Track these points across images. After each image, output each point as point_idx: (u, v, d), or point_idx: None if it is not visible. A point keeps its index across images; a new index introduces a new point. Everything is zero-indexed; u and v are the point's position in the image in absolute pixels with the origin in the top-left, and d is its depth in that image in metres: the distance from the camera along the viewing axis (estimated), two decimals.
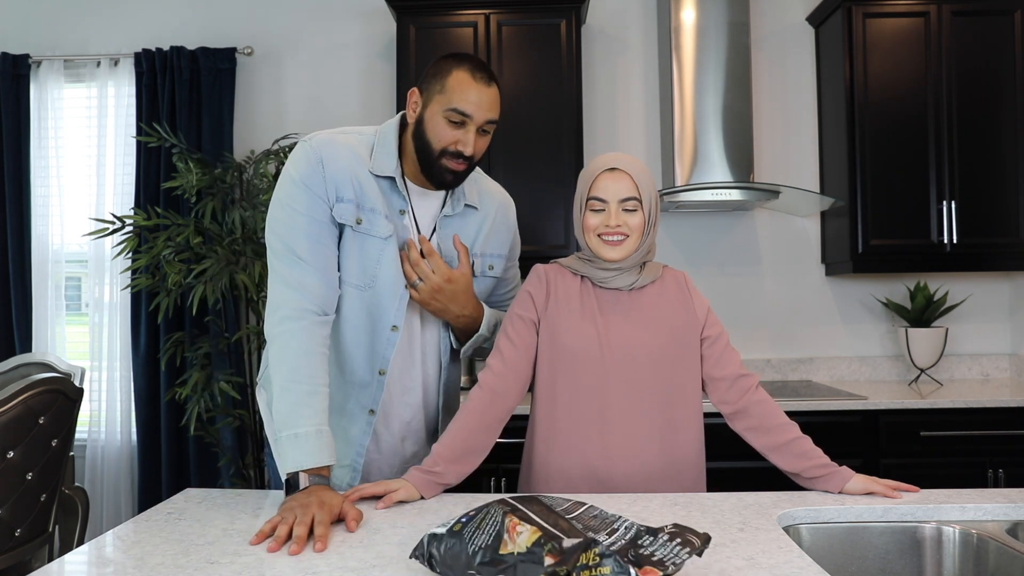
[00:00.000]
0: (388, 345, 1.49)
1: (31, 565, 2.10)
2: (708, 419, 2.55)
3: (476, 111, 1.41)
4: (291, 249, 1.40)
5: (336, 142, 1.46)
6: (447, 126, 1.41)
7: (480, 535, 0.95)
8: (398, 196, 1.50)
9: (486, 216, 1.60)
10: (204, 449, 3.04)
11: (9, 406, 1.89)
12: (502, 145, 2.84)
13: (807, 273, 3.19)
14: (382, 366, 1.49)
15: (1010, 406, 2.53)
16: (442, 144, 1.42)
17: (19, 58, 3.19)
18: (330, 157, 1.44)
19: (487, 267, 1.61)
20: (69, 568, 1.06)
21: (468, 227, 1.58)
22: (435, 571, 0.97)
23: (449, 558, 0.95)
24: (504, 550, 0.92)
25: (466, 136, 1.41)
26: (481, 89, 1.41)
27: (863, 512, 1.30)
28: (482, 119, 1.42)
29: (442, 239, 1.54)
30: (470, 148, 1.42)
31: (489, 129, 1.45)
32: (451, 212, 1.54)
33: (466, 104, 1.40)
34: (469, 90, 1.40)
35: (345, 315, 1.48)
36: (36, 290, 3.19)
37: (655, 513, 1.26)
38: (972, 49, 2.83)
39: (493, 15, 2.87)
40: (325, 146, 1.45)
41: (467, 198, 1.56)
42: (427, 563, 0.97)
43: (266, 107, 3.25)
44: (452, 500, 1.35)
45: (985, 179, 2.82)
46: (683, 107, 2.91)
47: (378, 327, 1.48)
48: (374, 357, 1.49)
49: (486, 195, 1.62)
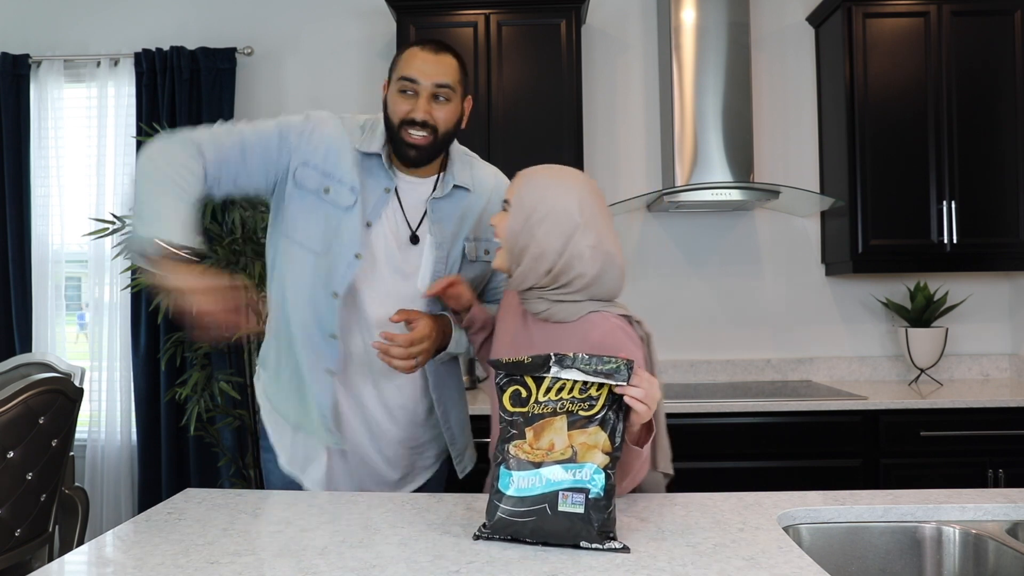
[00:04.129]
0: (330, 311, 1.52)
1: (31, 565, 2.10)
2: (709, 419, 2.57)
3: (421, 76, 1.47)
4: (236, 129, 1.53)
5: (332, 118, 1.57)
6: (400, 99, 1.49)
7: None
8: (384, 174, 1.55)
9: (478, 199, 1.62)
10: (204, 449, 3.04)
11: (9, 406, 1.89)
12: (502, 145, 2.84)
13: (807, 273, 3.19)
14: (332, 331, 1.52)
15: (1010, 406, 2.53)
16: (398, 116, 1.49)
17: (19, 58, 3.19)
18: (319, 125, 1.55)
19: (482, 251, 1.63)
20: (69, 568, 1.06)
21: (459, 209, 1.60)
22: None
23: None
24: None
25: (418, 103, 1.48)
26: (427, 56, 1.49)
27: (863, 512, 1.30)
28: (429, 84, 1.48)
29: (433, 222, 1.57)
30: (420, 113, 1.48)
31: (446, 96, 1.50)
32: (440, 194, 1.57)
33: (411, 70, 1.48)
34: (414, 59, 1.49)
35: (296, 278, 1.54)
36: (36, 290, 3.19)
37: (655, 513, 1.26)
38: (972, 49, 2.83)
39: (493, 15, 2.87)
40: (317, 115, 1.57)
41: (457, 179, 1.59)
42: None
43: (266, 107, 3.25)
44: (452, 500, 1.35)
45: (985, 179, 2.82)
46: (683, 107, 2.91)
47: (324, 292, 1.52)
48: (322, 321, 1.53)
49: (480, 179, 1.64)
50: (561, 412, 1.13)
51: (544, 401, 1.14)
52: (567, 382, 1.13)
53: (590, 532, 1.08)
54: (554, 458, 1.11)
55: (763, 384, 3.01)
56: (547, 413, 1.13)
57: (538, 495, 1.09)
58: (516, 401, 1.15)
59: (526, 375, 1.15)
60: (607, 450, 1.11)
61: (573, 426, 1.12)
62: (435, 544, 1.12)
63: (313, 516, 1.27)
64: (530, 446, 1.12)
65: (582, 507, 1.08)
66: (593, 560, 1.04)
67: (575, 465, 1.10)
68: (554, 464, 1.10)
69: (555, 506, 1.08)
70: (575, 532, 1.08)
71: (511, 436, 1.14)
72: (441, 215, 1.57)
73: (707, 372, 3.14)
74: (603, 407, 1.12)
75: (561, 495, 1.09)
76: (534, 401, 1.14)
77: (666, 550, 1.08)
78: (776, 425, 2.55)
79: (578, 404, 1.13)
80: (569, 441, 1.11)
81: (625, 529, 1.17)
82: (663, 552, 1.07)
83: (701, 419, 2.53)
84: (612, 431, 1.12)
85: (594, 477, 1.09)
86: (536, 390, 1.15)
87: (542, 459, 1.11)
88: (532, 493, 1.10)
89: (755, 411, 2.54)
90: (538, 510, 1.09)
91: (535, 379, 1.15)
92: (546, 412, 1.13)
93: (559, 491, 1.09)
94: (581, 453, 1.11)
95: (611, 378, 1.11)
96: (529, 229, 1.30)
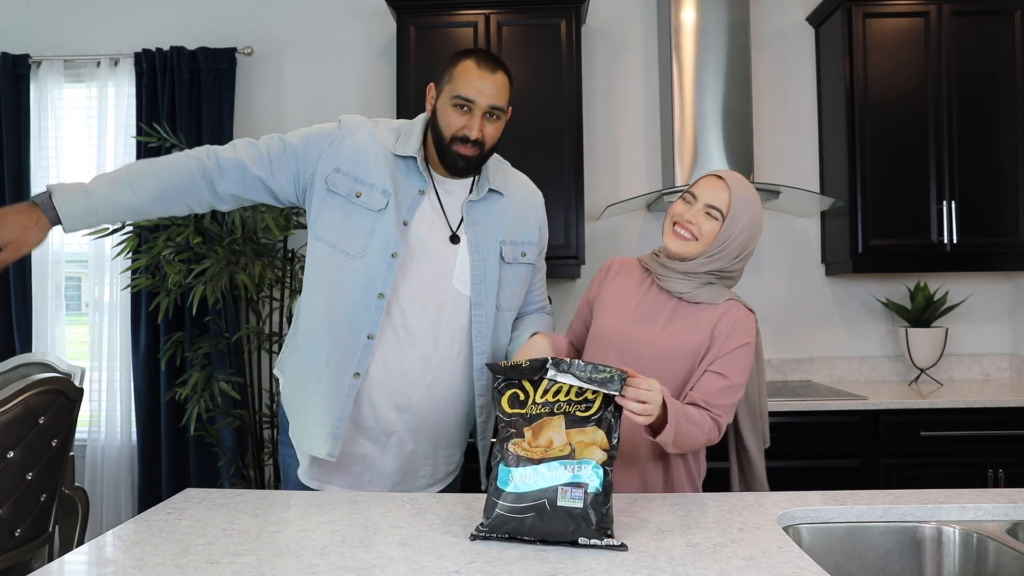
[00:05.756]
0: (376, 311, 1.53)
1: (31, 565, 2.10)
2: None
3: (479, 96, 1.51)
4: (265, 143, 1.60)
5: (364, 124, 1.61)
6: (454, 113, 1.52)
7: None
8: (418, 177, 1.58)
9: (511, 203, 1.67)
10: (204, 449, 3.04)
11: (9, 406, 1.89)
12: (502, 145, 2.82)
13: (807, 273, 3.19)
14: (371, 331, 1.53)
15: (1010, 406, 2.53)
16: (451, 131, 1.53)
17: (19, 58, 3.19)
18: (350, 131, 1.58)
19: (519, 254, 1.68)
20: (69, 568, 1.06)
21: (495, 212, 1.64)
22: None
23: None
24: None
25: (472, 121, 1.52)
26: (484, 76, 1.51)
27: (863, 512, 1.30)
28: (485, 104, 1.52)
29: (469, 224, 1.60)
30: (475, 132, 1.52)
31: (497, 115, 1.55)
32: (476, 197, 1.62)
33: (469, 90, 1.50)
34: (472, 77, 1.51)
35: (338, 283, 1.55)
36: (36, 290, 3.19)
37: (655, 513, 1.26)
38: (972, 49, 2.83)
39: (493, 15, 2.87)
40: (350, 122, 1.60)
41: (491, 183, 1.64)
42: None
43: (266, 107, 3.25)
44: (452, 500, 1.35)
45: (985, 179, 2.82)
46: (683, 107, 2.91)
47: (365, 294, 1.53)
48: (360, 322, 1.53)
49: (513, 185, 1.70)
50: (558, 413, 1.15)
51: (541, 403, 1.16)
52: (564, 385, 1.15)
53: (588, 528, 1.09)
54: (553, 455, 1.12)
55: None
56: (545, 413, 1.15)
57: (537, 491, 1.11)
58: (514, 403, 1.17)
59: (523, 379, 1.17)
60: (605, 447, 1.13)
61: (571, 425, 1.14)
62: (435, 544, 1.12)
63: (313, 516, 1.27)
64: (529, 444, 1.14)
65: (581, 502, 1.09)
66: (593, 560, 1.04)
67: (574, 461, 1.12)
68: (553, 460, 1.12)
69: (554, 501, 1.10)
70: (573, 528, 1.09)
71: (510, 435, 1.16)
72: (476, 217, 1.62)
73: None
74: (599, 409, 1.15)
75: (560, 490, 1.10)
76: (532, 403, 1.16)
77: (666, 550, 1.08)
78: (776, 425, 2.53)
79: (575, 406, 1.15)
80: (567, 439, 1.13)
81: (625, 529, 1.17)
82: (663, 552, 1.08)
83: None
84: (609, 430, 1.14)
85: (593, 473, 1.11)
86: (534, 392, 1.16)
87: (541, 456, 1.13)
88: (531, 489, 1.11)
89: None
90: (537, 506, 1.10)
91: (532, 382, 1.17)
92: (544, 412, 1.15)
93: (558, 486, 1.10)
94: (579, 450, 1.12)
95: (604, 387, 1.13)
96: (742, 244, 1.47)
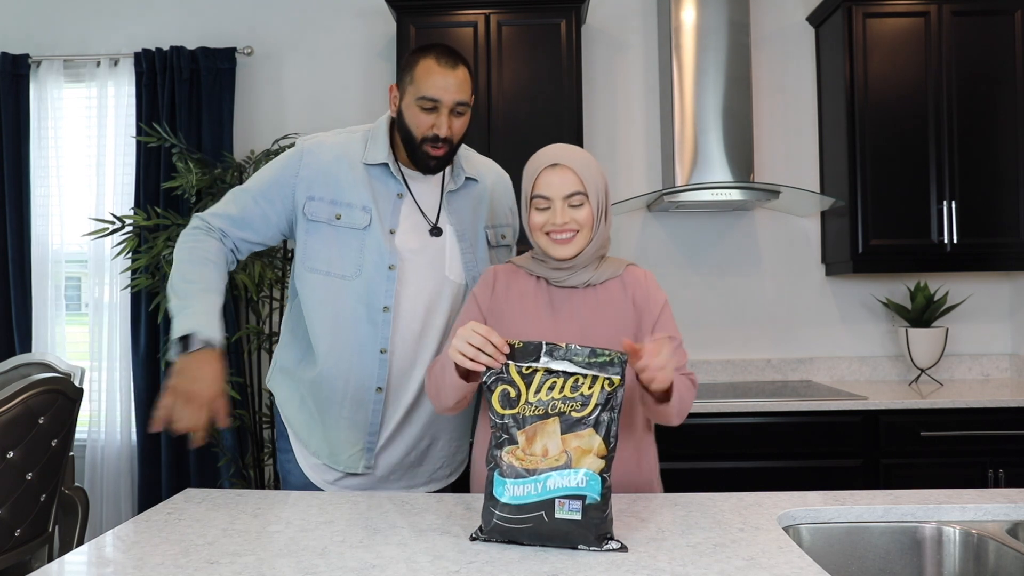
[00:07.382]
0: (384, 325, 1.55)
1: (31, 565, 2.10)
2: (709, 419, 2.57)
3: (444, 95, 1.50)
4: (244, 191, 1.63)
5: (324, 143, 1.61)
6: (421, 113, 1.52)
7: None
8: (394, 181, 1.59)
9: (485, 188, 1.70)
10: (204, 449, 3.03)
11: (9, 406, 1.89)
12: (502, 145, 2.83)
13: (807, 273, 3.19)
14: (383, 345, 1.55)
15: (1010, 406, 2.53)
16: (420, 131, 1.53)
17: (19, 58, 3.19)
18: (311, 155, 1.59)
19: (500, 237, 1.71)
20: (69, 568, 1.06)
21: (474, 199, 1.67)
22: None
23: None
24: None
25: (439, 120, 1.51)
26: (446, 74, 1.50)
27: (863, 512, 1.30)
28: (451, 101, 1.51)
29: (450, 213, 1.62)
30: (444, 130, 1.52)
31: (462, 111, 1.55)
32: (454, 187, 1.63)
33: (433, 90, 1.50)
34: (435, 76, 1.50)
35: (340, 307, 1.56)
36: (36, 290, 3.19)
37: (655, 513, 1.26)
38: (972, 49, 2.83)
39: (493, 15, 2.87)
40: (310, 146, 1.60)
41: (467, 171, 1.65)
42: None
43: (266, 107, 3.25)
44: (452, 500, 1.35)
45: (985, 179, 2.81)
46: (683, 107, 2.91)
47: (369, 310, 1.55)
48: (373, 338, 1.55)
49: (484, 171, 1.72)
50: (553, 414, 1.10)
51: (535, 402, 1.11)
52: (558, 380, 1.10)
53: (587, 537, 1.07)
54: (548, 465, 1.08)
55: (763, 384, 3.01)
56: (539, 415, 1.10)
57: (534, 503, 1.07)
58: (505, 402, 1.12)
59: (517, 362, 1.13)
60: (602, 454, 1.09)
61: (566, 430, 1.09)
62: (435, 544, 1.12)
63: (313, 516, 1.27)
64: (523, 452, 1.09)
65: (579, 514, 1.06)
66: (593, 560, 1.04)
67: (570, 471, 1.08)
68: (549, 471, 1.08)
69: (552, 514, 1.07)
70: (572, 537, 1.07)
71: (503, 441, 1.11)
72: (457, 206, 1.64)
73: (707, 372, 3.14)
74: (595, 407, 1.10)
75: (558, 503, 1.06)
76: (524, 402, 1.11)
77: (666, 550, 1.08)
78: (776, 425, 2.55)
79: (570, 404, 1.10)
80: (563, 446, 1.09)
81: (625, 529, 1.17)
82: (663, 552, 1.07)
83: (701, 419, 2.52)
84: (607, 433, 1.10)
85: (590, 483, 1.07)
86: (526, 391, 1.12)
87: (536, 465, 1.08)
88: (527, 501, 1.07)
89: (755, 411, 2.54)
90: (534, 517, 1.07)
91: (524, 378, 1.12)
92: (538, 414, 1.10)
93: (555, 499, 1.07)
94: (576, 458, 1.08)
95: (604, 371, 1.10)
96: (606, 201, 1.42)
